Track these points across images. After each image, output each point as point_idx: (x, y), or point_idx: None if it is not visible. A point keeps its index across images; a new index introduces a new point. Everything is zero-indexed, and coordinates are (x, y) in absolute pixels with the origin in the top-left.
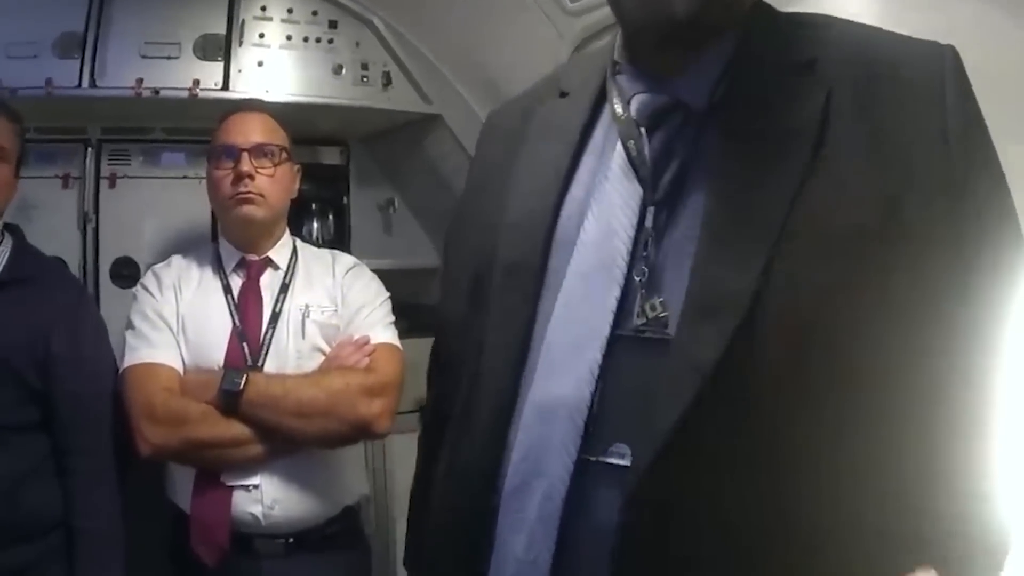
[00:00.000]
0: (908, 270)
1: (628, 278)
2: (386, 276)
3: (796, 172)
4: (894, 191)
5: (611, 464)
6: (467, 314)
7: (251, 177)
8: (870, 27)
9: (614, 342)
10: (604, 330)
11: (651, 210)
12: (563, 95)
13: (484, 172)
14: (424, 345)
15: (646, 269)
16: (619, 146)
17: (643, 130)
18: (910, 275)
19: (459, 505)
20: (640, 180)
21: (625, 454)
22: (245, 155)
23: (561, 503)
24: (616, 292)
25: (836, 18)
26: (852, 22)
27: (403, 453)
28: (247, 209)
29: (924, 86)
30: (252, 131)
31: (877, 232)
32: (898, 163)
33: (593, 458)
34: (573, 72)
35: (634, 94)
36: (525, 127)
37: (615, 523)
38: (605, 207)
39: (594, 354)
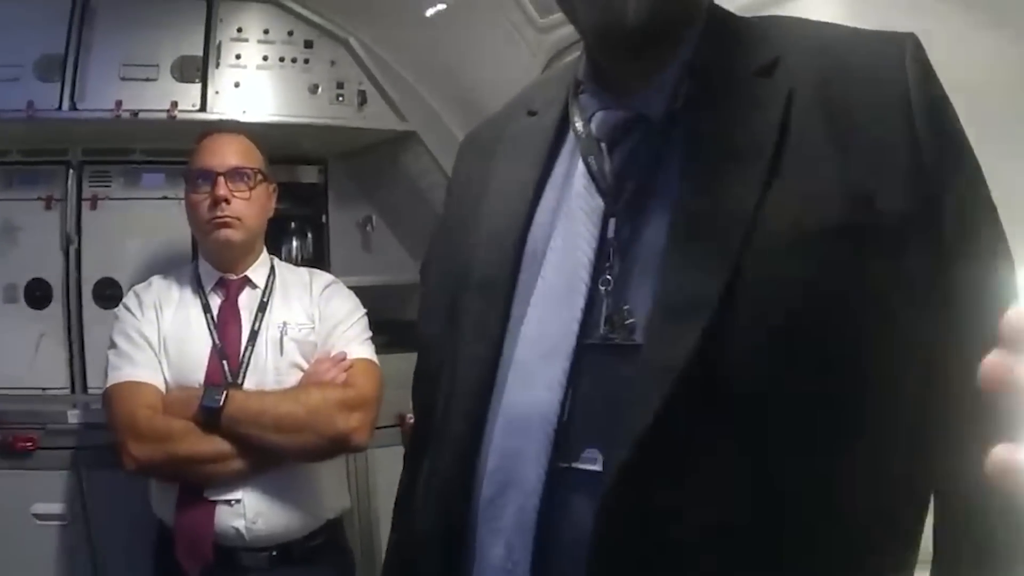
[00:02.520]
0: (884, 263)
1: (593, 288)
2: (365, 293)
3: (760, 173)
4: (864, 185)
5: (584, 470)
6: (444, 331)
7: (227, 201)
8: (829, 24)
9: (582, 351)
10: (571, 340)
11: (612, 221)
12: (531, 114)
13: (458, 193)
14: (403, 360)
15: (610, 278)
16: (581, 162)
17: (603, 146)
18: (886, 267)
19: (437, 517)
20: (601, 193)
21: (597, 459)
22: (221, 179)
23: (535, 511)
24: (580, 302)
25: (794, 18)
26: (811, 20)
27: (385, 466)
28: (225, 233)
29: (886, 76)
30: (227, 154)
31: (849, 226)
32: (866, 156)
33: (565, 464)
34: (540, 91)
35: (595, 111)
36: (496, 147)
37: (590, 528)
38: (570, 222)
39: (562, 363)
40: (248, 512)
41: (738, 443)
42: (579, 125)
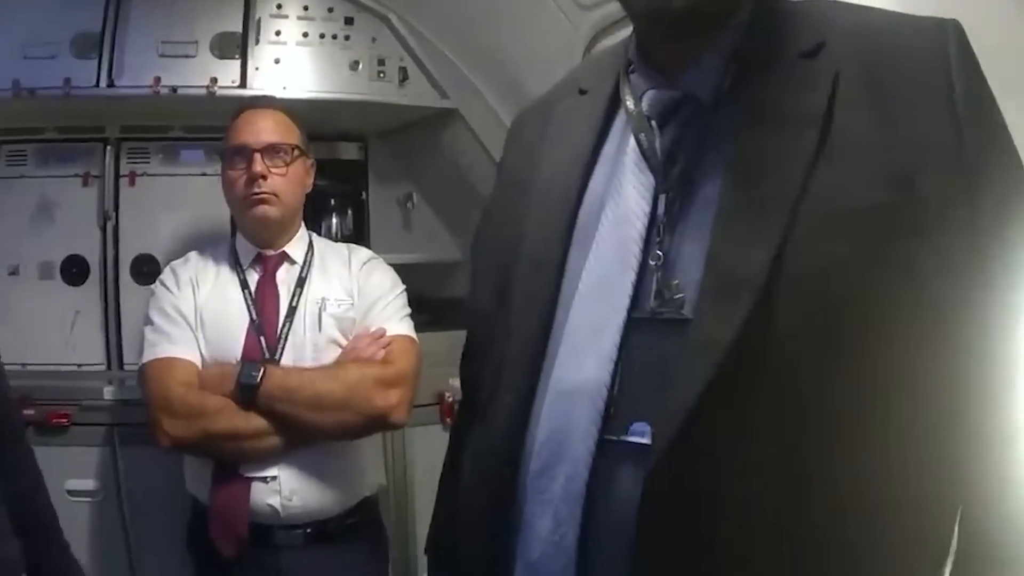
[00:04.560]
0: (926, 244)
1: (643, 263)
2: (405, 270)
3: (807, 153)
4: (907, 168)
5: (632, 443)
6: (494, 307)
7: (264, 177)
8: (874, 8)
9: (631, 325)
10: (621, 313)
11: (663, 198)
12: (582, 92)
13: (509, 171)
14: (443, 339)
15: (660, 254)
16: (632, 140)
17: (654, 123)
18: (928, 249)
19: (485, 488)
20: (652, 170)
21: (645, 432)
22: (257, 156)
23: (584, 484)
24: (631, 276)
25: (839, 2)
26: (855, 5)
27: (421, 444)
28: (262, 209)
29: (929, 63)
30: (263, 130)
31: (892, 207)
32: (909, 141)
33: (614, 438)
34: (591, 70)
35: (645, 90)
36: (546, 126)
37: (638, 501)
38: (620, 198)
39: (612, 336)
40: (284, 489)
41: (784, 418)
42: (630, 103)
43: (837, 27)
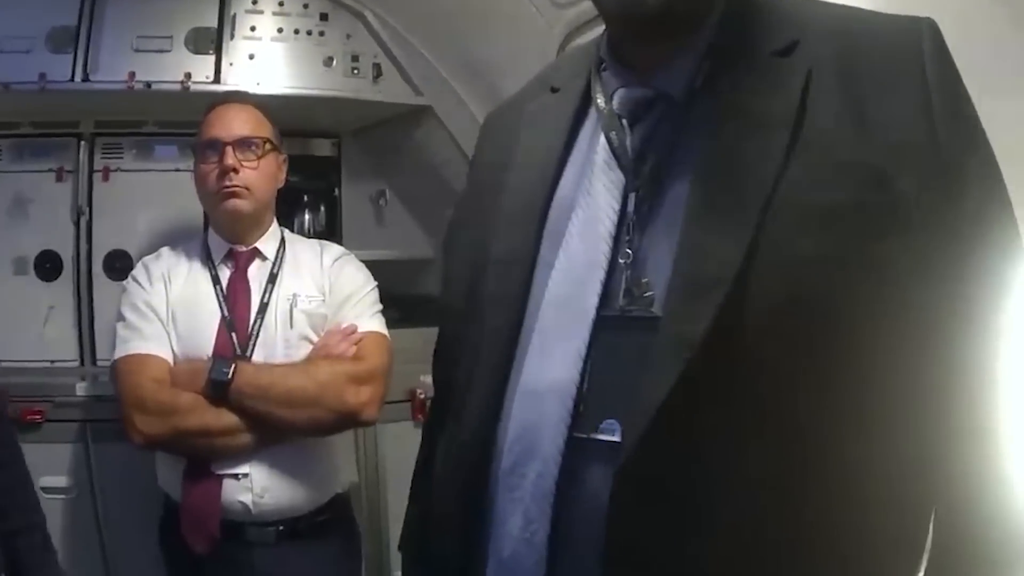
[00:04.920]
0: (900, 244)
1: (613, 262)
2: (378, 267)
3: (778, 150)
4: (881, 167)
5: (602, 441)
6: (465, 307)
7: (235, 171)
8: (849, 6)
9: (601, 323)
10: (590, 312)
11: (632, 196)
12: (554, 90)
13: (480, 170)
14: (414, 335)
15: (630, 252)
16: (602, 138)
17: (624, 122)
18: (902, 249)
19: (457, 488)
20: (622, 168)
21: (615, 430)
22: (229, 149)
23: (554, 481)
24: (600, 275)
25: (815, 0)
26: (830, 3)
27: (394, 441)
28: (233, 203)
29: (903, 61)
30: (235, 124)
31: (865, 206)
32: (883, 140)
33: (584, 435)
34: (563, 68)
35: (617, 88)
36: (518, 124)
37: (607, 499)
38: (590, 197)
39: (581, 335)
40: (255, 486)
41: (753, 415)
42: (601, 101)
43: (811, 25)
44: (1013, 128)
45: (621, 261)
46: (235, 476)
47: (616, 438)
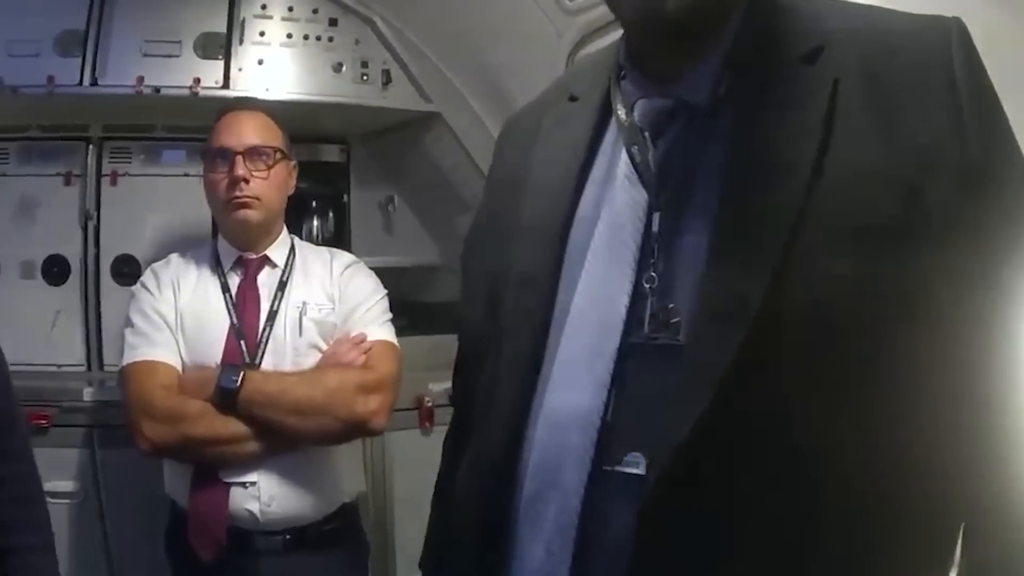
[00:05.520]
0: (932, 257)
1: (637, 285)
2: (386, 274)
3: (806, 167)
4: (911, 177)
5: (626, 474)
6: (485, 324)
7: (246, 181)
8: (873, 7)
9: (626, 351)
10: (615, 339)
11: (657, 216)
12: (572, 99)
13: (499, 180)
14: (423, 343)
15: (655, 276)
16: (624, 152)
17: (647, 135)
18: (934, 262)
19: (477, 515)
20: (645, 185)
21: (640, 463)
22: (239, 158)
23: (576, 514)
24: (625, 300)
25: (838, 1)
26: (855, 3)
27: (401, 450)
28: (243, 213)
29: (932, 62)
30: (245, 133)
31: (898, 220)
32: (913, 148)
33: (608, 468)
34: (582, 75)
35: (637, 99)
36: (536, 134)
37: (632, 533)
38: (613, 215)
39: (606, 364)
40: (263, 495)
41: (782, 448)
42: (622, 113)
43: (835, 28)
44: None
45: (647, 286)
46: (243, 484)
47: (640, 471)
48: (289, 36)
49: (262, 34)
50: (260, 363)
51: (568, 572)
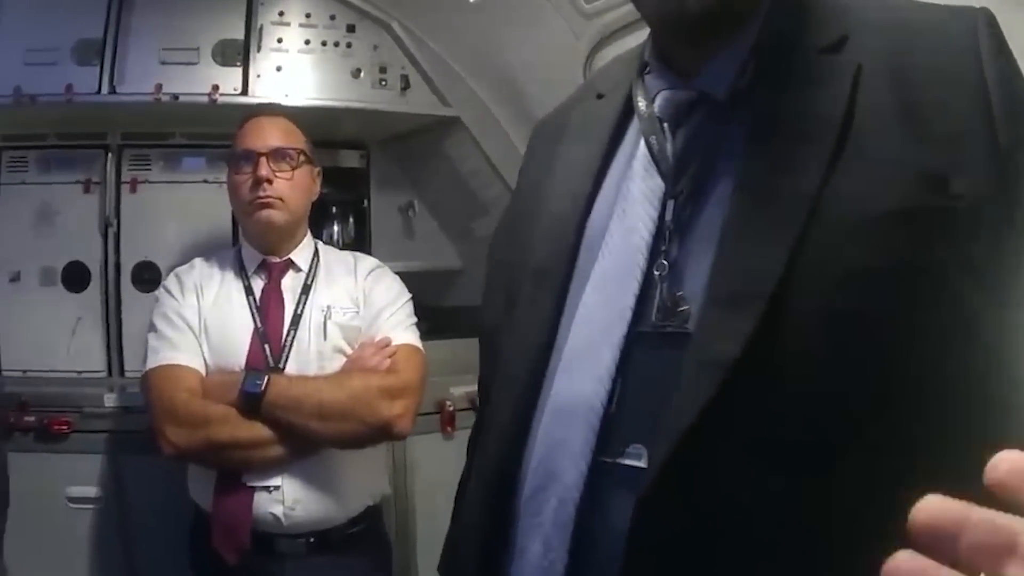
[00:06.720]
0: (955, 249)
1: (648, 274)
2: (407, 278)
3: (825, 154)
4: (936, 166)
5: (628, 466)
6: (504, 320)
7: (269, 181)
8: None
9: (634, 339)
10: (622, 326)
11: (671, 204)
12: (599, 96)
13: (526, 178)
14: (444, 347)
15: (666, 263)
16: (642, 143)
17: (665, 126)
18: (956, 254)
19: (481, 510)
20: (662, 175)
21: (642, 455)
22: (263, 159)
23: (574, 508)
24: (635, 288)
25: None
26: None
27: (425, 453)
28: (266, 213)
29: (959, 52)
30: (270, 135)
31: (919, 210)
32: (939, 136)
33: (610, 460)
34: (610, 73)
35: (659, 91)
36: (563, 130)
37: (629, 529)
38: (629, 205)
39: (611, 352)
40: (287, 498)
41: (787, 442)
42: (642, 105)
43: (860, 19)
44: None
45: (656, 273)
46: (267, 488)
47: (642, 464)
48: (307, 42)
49: (280, 41)
50: (284, 367)
51: (564, 568)
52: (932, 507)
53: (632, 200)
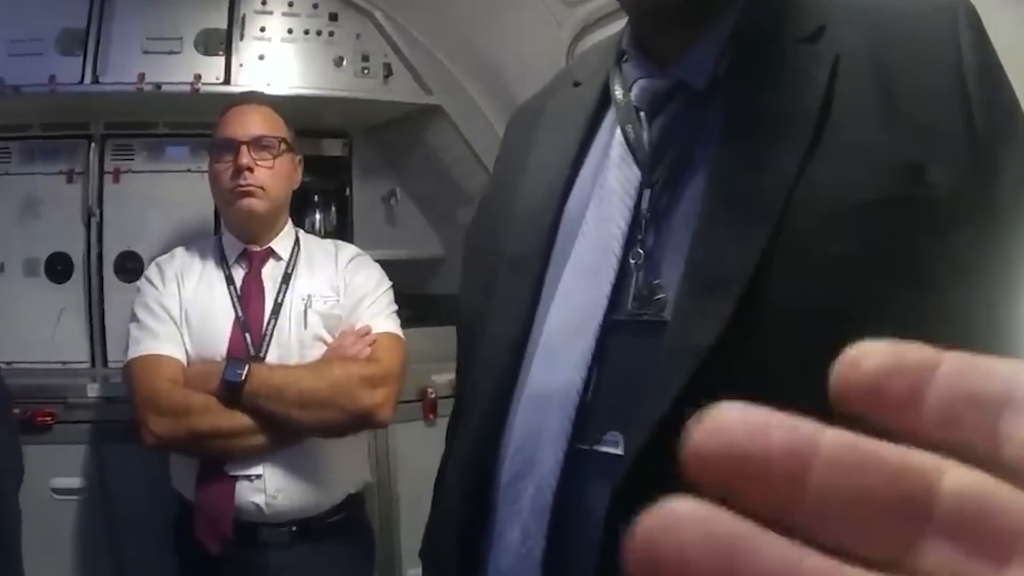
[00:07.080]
0: (932, 238)
1: (624, 262)
2: (389, 267)
3: (802, 142)
4: (914, 156)
5: (604, 453)
6: (480, 308)
7: (250, 170)
8: None
9: (610, 327)
10: (598, 316)
11: (647, 193)
12: (576, 85)
13: (502, 167)
14: (425, 335)
15: (642, 252)
16: (619, 132)
17: (642, 115)
18: (933, 243)
19: (460, 496)
20: (638, 163)
21: (618, 442)
22: (244, 148)
23: (551, 495)
24: (610, 276)
25: None
26: None
27: (407, 441)
28: (247, 202)
29: (938, 42)
30: (250, 124)
31: (897, 199)
32: (917, 125)
33: (587, 447)
34: (587, 61)
35: (636, 79)
36: (539, 118)
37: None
38: (605, 194)
39: (587, 340)
40: (269, 487)
41: None
42: (619, 93)
43: (839, 9)
44: None
45: (632, 261)
46: (248, 477)
47: (619, 451)
48: (290, 31)
49: (263, 30)
50: (265, 356)
51: (542, 555)
52: (881, 351)
53: (608, 189)
